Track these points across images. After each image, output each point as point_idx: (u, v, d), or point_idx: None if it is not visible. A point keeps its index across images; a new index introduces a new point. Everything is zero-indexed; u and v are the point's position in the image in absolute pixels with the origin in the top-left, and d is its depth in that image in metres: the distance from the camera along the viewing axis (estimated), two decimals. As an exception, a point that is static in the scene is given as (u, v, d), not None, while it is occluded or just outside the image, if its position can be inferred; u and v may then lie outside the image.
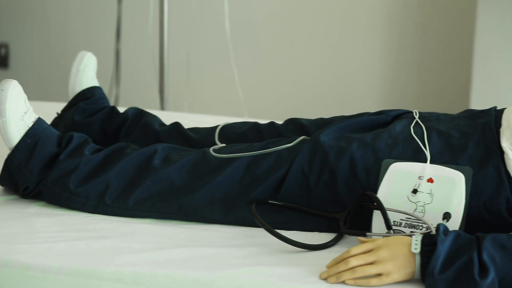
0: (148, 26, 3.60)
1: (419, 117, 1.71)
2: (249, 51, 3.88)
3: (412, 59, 3.77)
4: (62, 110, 2.12)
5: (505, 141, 1.57)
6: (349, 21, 3.79)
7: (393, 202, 1.54)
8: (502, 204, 1.52)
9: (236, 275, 1.39)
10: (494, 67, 3.44)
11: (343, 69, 3.84)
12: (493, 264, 1.31)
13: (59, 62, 4.08)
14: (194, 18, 3.82)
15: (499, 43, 3.41)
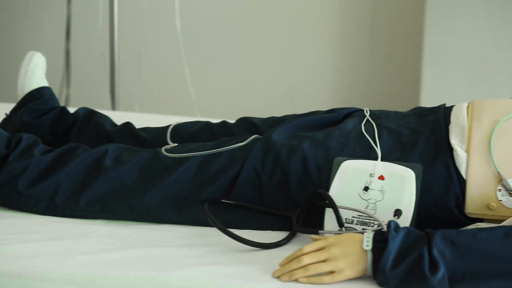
0: (98, 25, 3.57)
1: (370, 115, 1.72)
2: (201, 50, 3.87)
3: (362, 57, 3.80)
4: (11, 111, 2.09)
5: (454, 138, 1.59)
6: (301, 20, 3.81)
7: (345, 200, 1.55)
8: (451, 200, 1.54)
9: (189, 275, 1.39)
10: (443, 64, 3.48)
11: (295, 67, 3.85)
12: (443, 259, 1.33)
13: (7, 62, 4.02)
14: (144, 17, 3.80)
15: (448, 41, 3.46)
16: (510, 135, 1.56)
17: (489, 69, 3.50)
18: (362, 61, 3.80)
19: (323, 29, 3.79)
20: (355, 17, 3.76)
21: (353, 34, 3.78)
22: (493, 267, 1.32)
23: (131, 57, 3.72)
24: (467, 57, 3.48)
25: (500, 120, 1.58)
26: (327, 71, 3.83)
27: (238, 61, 3.89)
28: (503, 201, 1.52)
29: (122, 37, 3.47)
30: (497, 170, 1.52)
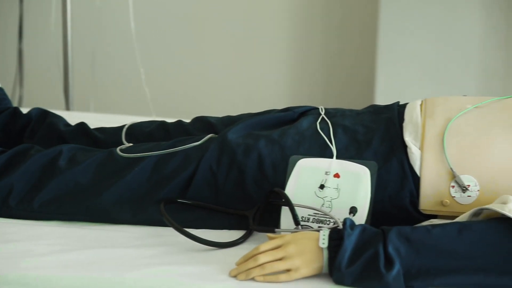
0: (50, 25, 3.53)
1: (325, 113, 1.73)
2: (156, 49, 3.85)
3: (317, 56, 3.81)
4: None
5: (408, 136, 1.60)
6: (256, 19, 3.81)
7: (301, 198, 1.55)
8: (406, 197, 1.55)
9: (145, 275, 1.38)
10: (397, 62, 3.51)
11: (250, 66, 3.85)
12: (398, 256, 1.34)
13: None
14: (98, 17, 3.77)
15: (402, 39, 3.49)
16: (463, 132, 1.57)
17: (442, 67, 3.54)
18: (316, 60, 3.81)
19: (277, 28, 3.79)
20: (309, 16, 3.77)
21: (307, 33, 3.79)
22: (447, 262, 1.33)
23: (85, 56, 3.69)
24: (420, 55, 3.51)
25: (453, 117, 1.60)
26: (282, 70, 3.83)
27: (193, 60, 3.88)
28: (456, 198, 1.53)
29: (75, 36, 3.43)
30: (450, 167, 1.54)
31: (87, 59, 3.68)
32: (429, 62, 3.53)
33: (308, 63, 3.82)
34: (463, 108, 1.63)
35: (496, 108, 1.62)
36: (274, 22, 3.79)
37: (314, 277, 1.38)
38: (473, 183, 1.52)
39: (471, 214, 1.43)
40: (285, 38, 3.80)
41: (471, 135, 1.56)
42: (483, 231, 1.36)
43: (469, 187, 1.52)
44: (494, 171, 1.52)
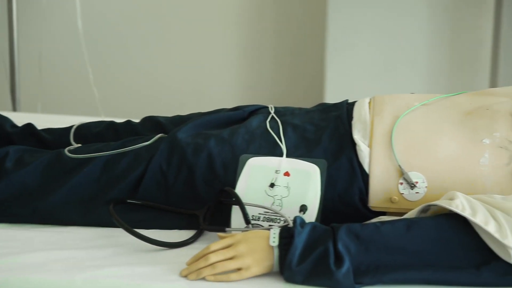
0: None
1: (275, 112, 1.73)
2: (104, 49, 3.82)
3: (267, 55, 3.82)
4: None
5: (357, 133, 1.61)
6: (205, 18, 3.80)
7: (251, 197, 1.55)
8: (355, 194, 1.56)
9: (95, 277, 1.37)
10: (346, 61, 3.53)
11: (200, 66, 3.84)
12: (348, 253, 1.35)
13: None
14: (44, 16, 3.72)
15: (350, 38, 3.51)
16: (410, 129, 1.59)
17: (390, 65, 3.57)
18: (266, 59, 3.82)
19: (227, 27, 3.79)
20: (259, 15, 3.78)
21: (257, 32, 3.80)
22: (396, 259, 1.35)
23: (32, 57, 3.64)
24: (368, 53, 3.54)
25: (401, 114, 1.62)
26: (232, 69, 3.83)
27: (142, 59, 3.86)
28: (404, 194, 1.55)
29: (21, 36, 3.39)
30: (399, 164, 1.55)
31: (34, 59, 3.63)
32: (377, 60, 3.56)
33: (257, 62, 3.82)
34: (410, 105, 1.64)
35: (443, 105, 1.64)
36: (223, 21, 3.79)
37: (264, 275, 1.38)
38: (421, 180, 1.54)
39: (419, 211, 1.44)
40: (234, 38, 3.80)
41: (418, 133, 1.58)
42: (431, 227, 1.37)
43: (417, 184, 1.54)
44: (441, 167, 1.54)
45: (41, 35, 3.71)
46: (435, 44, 3.58)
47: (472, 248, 1.35)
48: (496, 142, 1.53)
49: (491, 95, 1.67)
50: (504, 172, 1.51)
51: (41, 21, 3.73)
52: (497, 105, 1.61)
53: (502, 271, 1.33)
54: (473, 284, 1.34)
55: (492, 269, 1.33)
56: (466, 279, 1.34)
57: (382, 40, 3.55)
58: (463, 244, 1.35)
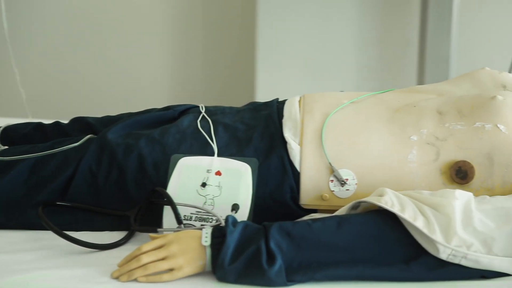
0: None
1: (206, 111, 1.73)
2: (30, 49, 3.76)
3: (197, 55, 3.81)
4: None
5: (287, 132, 1.62)
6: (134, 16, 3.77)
7: (183, 197, 1.55)
8: (286, 192, 1.57)
9: (24, 281, 1.34)
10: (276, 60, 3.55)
11: (129, 65, 3.81)
12: (280, 251, 1.35)
13: None
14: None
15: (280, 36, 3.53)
16: (340, 126, 1.60)
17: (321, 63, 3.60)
18: (196, 58, 3.81)
19: (157, 26, 3.77)
20: (188, 14, 3.76)
21: (187, 32, 3.78)
22: (327, 256, 1.36)
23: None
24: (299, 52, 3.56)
25: (331, 112, 1.63)
26: (162, 69, 3.81)
27: (70, 60, 3.81)
28: (335, 192, 1.56)
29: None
30: (329, 162, 1.56)
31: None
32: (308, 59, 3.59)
33: (188, 61, 3.81)
34: (340, 103, 1.66)
35: (372, 103, 1.66)
36: (153, 20, 3.76)
37: (197, 275, 1.38)
38: (351, 177, 1.56)
39: (350, 208, 1.46)
40: (164, 37, 3.78)
41: (348, 130, 1.59)
42: (361, 223, 1.39)
43: (347, 181, 1.55)
44: (371, 164, 1.56)
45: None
46: (364, 42, 3.62)
47: (401, 244, 1.37)
48: (423, 138, 1.56)
49: (418, 92, 1.70)
50: (432, 168, 1.54)
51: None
52: (424, 102, 1.63)
53: (430, 266, 1.36)
54: (402, 279, 1.36)
55: (421, 264, 1.36)
56: (396, 274, 1.36)
57: (312, 39, 3.57)
58: (392, 240, 1.37)
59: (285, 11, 3.50)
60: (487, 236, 1.36)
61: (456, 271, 1.36)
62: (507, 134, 1.52)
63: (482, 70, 1.73)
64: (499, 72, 1.71)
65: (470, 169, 1.52)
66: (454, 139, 1.55)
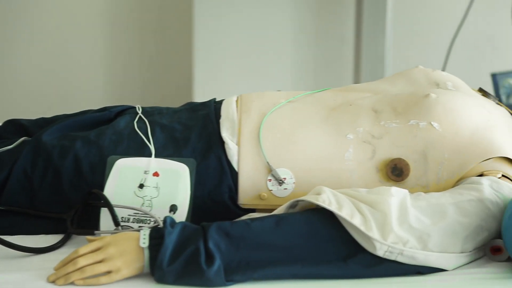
0: None
1: (142, 112, 1.72)
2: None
3: (134, 54, 3.78)
4: None
5: (225, 132, 1.62)
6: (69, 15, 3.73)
7: (120, 198, 1.54)
8: (224, 192, 1.57)
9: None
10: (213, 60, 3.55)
11: (65, 67, 3.77)
12: (219, 251, 1.35)
13: None
14: None
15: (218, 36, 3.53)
16: (277, 126, 1.61)
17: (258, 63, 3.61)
18: (133, 59, 3.79)
19: (93, 26, 3.73)
20: (124, 14, 3.74)
21: (123, 32, 3.76)
22: (266, 255, 1.36)
23: None
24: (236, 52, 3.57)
25: (268, 112, 1.64)
26: (99, 70, 3.78)
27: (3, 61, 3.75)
28: (273, 191, 1.57)
29: None
30: (267, 161, 1.57)
31: None
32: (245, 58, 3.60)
33: (124, 62, 3.78)
34: (277, 103, 1.66)
35: (309, 102, 1.67)
36: (88, 20, 3.72)
37: (135, 277, 1.37)
38: (288, 176, 1.56)
39: (288, 206, 1.46)
40: (100, 37, 3.74)
41: (285, 129, 1.60)
42: (299, 222, 1.40)
43: (285, 180, 1.56)
44: (308, 163, 1.57)
45: None
46: (300, 42, 3.64)
47: (339, 242, 1.38)
48: (360, 137, 1.57)
49: (354, 91, 1.72)
50: (368, 166, 1.55)
51: None
52: (360, 100, 1.65)
53: (368, 263, 1.37)
54: (340, 276, 1.37)
55: (359, 261, 1.37)
56: (334, 272, 1.37)
57: (249, 38, 3.58)
58: (330, 238, 1.38)
59: (221, 11, 3.50)
60: (423, 232, 1.38)
61: (392, 268, 1.38)
62: (440, 132, 1.55)
63: (416, 69, 1.76)
64: (432, 71, 1.74)
65: (405, 166, 1.54)
66: (390, 137, 1.56)
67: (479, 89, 1.73)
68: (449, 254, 1.39)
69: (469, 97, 1.64)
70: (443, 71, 1.76)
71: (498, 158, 1.54)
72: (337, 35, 3.70)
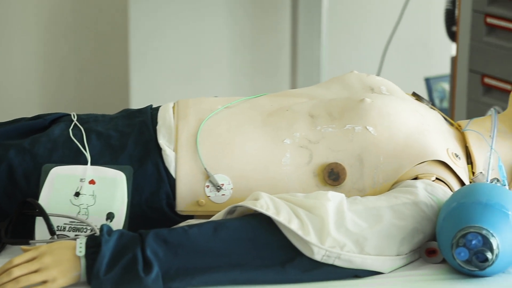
0: None
1: (78, 120, 1.70)
2: None
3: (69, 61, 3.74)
4: None
5: (162, 138, 1.61)
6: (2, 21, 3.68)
7: (56, 207, 1.52)
8: (162, 199, 1.56)
9: None
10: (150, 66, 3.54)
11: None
12: (156, 259, 1.34)
13: None
14: None
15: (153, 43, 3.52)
16: (215, 132, 1.61)
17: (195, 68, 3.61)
18: (68, 65, 3.74)
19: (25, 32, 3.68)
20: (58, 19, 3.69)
21: (57, 37, 3.71)
22: (204, 261, 1.36)
23: None
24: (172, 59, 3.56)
25: (205, 118, 1.63)
26: (33, 77, 3.73)
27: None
28: (211, 197, 1.56)
29: None
30: (205, 167, 1.57)
31: None
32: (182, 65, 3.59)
33: (59, 68, 3.74)
34: (214, 108, 1.66)
35: (245, 108, 1.67)
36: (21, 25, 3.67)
37: (72, 286, 1.35)
38: (226, 182, 1.56)
39: (226, 212, 1.47)
40: (33, 42, 3.69)
41: (222, 135, 1.60)
42: (237, 228, 1.40)
43: (223, 186, 1.56)
44: (246, 169, 1.57)
45: None
46: (237, 48, 3.65)
47: (277, 247, 1.39)
48: (297, 142, 1.58)
49: (291, 96, 1.73)
50: (305, 171, 1.56)
51: None
52: (296, 106, 1.66)
53: (305, 267, 1.38)
54: (279, 281, 1.38)
55: (296, 266, 1.38)
56: (272, 277, 1.38)
57: (185, 44, 3.58)
58: (268, 243, 1.39)
59: (157, 17, 3.49)
60: (359, 236, 1.40)
61: (330, 272, 1.39)
62: (375, 136, 1.56)
63: (351, 74, 1.78)
64: (367, 75, 1.76)
65: (341, 170, 1.55)
66: (326, 142, 1.58)
67: (413, 93, 1.75)
68: (385, 257, 1.41)
69: (403, 101, 1.67)
70: (377, 76, 1.78)
71: (432, 161, 1.56)
72: (273, 41, 3.72)
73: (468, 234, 1.36)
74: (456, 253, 1.37)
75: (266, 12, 3.68)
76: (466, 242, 1.37)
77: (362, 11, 3.83)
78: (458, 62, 2.84)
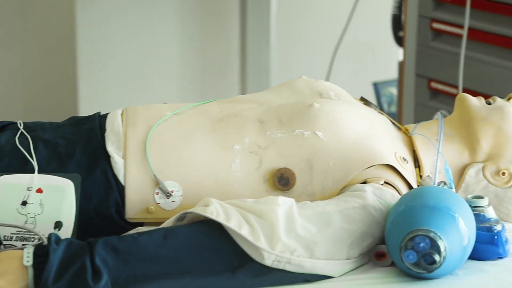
0: None
1: (24, 128, 1.68)
2: None
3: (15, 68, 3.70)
4: None
5: (110, 145, 1.60)
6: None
7: (2, 216, 1.50)
8: (111, 207, 1.55)
9: None
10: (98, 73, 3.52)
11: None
12: (106, 267, 1.33)
13: None
14: None
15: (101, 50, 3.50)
16: (164, 138, 1.61)
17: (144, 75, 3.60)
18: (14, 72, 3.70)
19: None
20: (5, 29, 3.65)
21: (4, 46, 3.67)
22: (154, 268, 1.35)
23: None
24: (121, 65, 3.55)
25: (154, 124, 1.63)
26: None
27: None
28: (161, 204, 1.56)
29: None
30: (154, 174, 1.56)
31: None
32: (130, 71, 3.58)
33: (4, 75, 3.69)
34: (163, 115, 1.66)
35: (194, 114, 1.67)
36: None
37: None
38: (176, 189, 1.56)
39: (176, 219, 1.46)
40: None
41: (172, 142, 1.60)
42: (187, 234, 1.39)
43: (173, 193, 1.56)
44: (196, 175, 1.57)
45: None
46: (186, 54, 3.65)
47: (228, 253, 1.39)
48: (246, 147, 1.59)
49: (240, 102, 1.73)
50: (255, 176, 1.57)
51: None
52: (245, 111, 1.66)
53: (256, 273, 1.38)
54: (229, 287, 1.38)
55: (247, 271, 1.38)
56: (223, 283, 1.38)
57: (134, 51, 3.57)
58: (218, 249, 1.39)
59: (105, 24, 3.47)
60: (309, 240, 1.40)
61: (280, 276, 1.39)
62: (324, 141, 1.57)
63: (300, 79, 1.78)
64: (315, 81, 1.77)
65: (291, 175, 1.56)
66: (276, 147, 1.58)
67: (361, 98, 1.77)
68: (335, 261, 1.42)
69: (351, 106, 1.68)
70: (326, 81, 1.79)
71: (380, 165, 1.58)
72: (222, 47, 3.73)
73: (416, 237, 1.38)
74: (404, 256, 1.38)
75: (214, 17, 3.69)
76: (414, 245, 1.38)
77: (310, 16, 3.86)
78: (405, 67, 2.87)
